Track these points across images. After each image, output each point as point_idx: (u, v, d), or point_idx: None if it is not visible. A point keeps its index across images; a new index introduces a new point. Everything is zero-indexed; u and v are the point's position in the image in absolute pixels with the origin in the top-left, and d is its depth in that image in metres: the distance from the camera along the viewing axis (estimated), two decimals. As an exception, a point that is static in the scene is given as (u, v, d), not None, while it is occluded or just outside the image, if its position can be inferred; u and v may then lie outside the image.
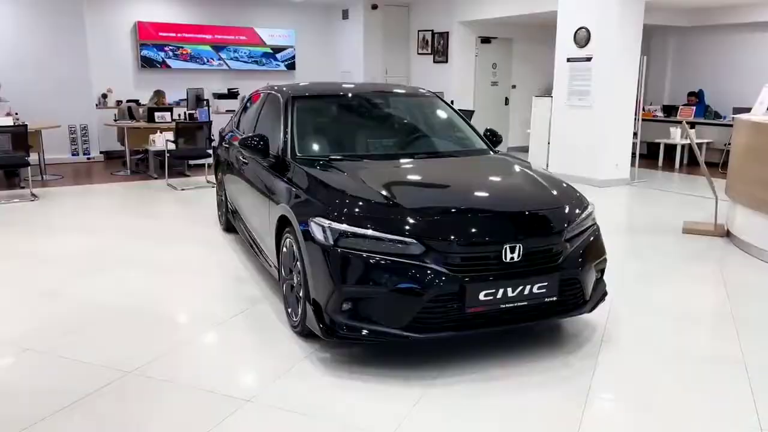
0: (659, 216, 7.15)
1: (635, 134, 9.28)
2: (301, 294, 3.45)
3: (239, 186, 5.06)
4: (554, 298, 3.27)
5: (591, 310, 3.54)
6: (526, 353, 3.46)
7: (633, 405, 3.01)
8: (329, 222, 3.21)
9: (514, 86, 12.83)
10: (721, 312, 4.22)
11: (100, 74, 10.88)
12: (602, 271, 3.66)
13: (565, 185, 3.85)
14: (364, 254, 3.11)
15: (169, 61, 11.70)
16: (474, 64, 12.22)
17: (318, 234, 3.23)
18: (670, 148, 11.04)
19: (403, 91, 5.13)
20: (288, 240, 3.65)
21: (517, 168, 4.09)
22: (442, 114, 4.91)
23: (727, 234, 6.07)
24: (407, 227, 3.15)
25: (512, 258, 3.17)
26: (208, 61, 12.12)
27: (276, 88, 4.93)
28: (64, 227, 6.39)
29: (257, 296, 4.33)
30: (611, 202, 8.05)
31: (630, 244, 6.01)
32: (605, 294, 3.71)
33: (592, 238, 3.58)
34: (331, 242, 3.17)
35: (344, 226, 3.17)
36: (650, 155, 11.44)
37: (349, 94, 4.92)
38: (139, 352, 3.44)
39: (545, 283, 3.22)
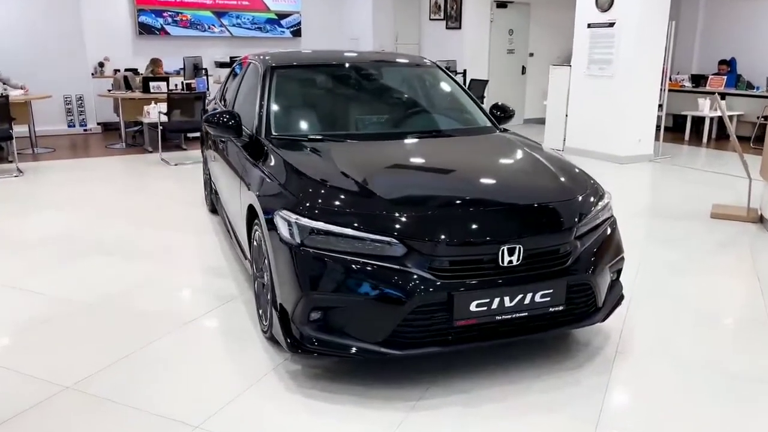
0: (685, 197, 6.57)
1: (660, 106, 8.63)
2: (269, 297, 3.00)
3: (218, 166, 4.59)
4: (560, 308, 2.78)
5: (604, 319, 3.05)
6: (526, 368, 3.00)
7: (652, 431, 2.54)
8: (296, 217, 2.74)
9: (531, 54, 12.13)
10: (756, 313, 3.70)
11: (97, 42, 10.38)
12: (618, 272, 3.16)
13: (577, 170, 3.33)
14: (336, 256, 2.64)
15: (168, 28, 11.16)
16: (489, 31, 11.53)
17: (284, 230, 2.77)
18: (698, 121, 10.40)
19: (399, 61, 4.59)
20: (258, 233, 3.20)
21: (520, 150, 3.55)
22: (442, 86, 4.37)
23: (761, 220, 5.50)
24: (386, 224, 2.67)
25: (511, 261, 2.68)
26: (209, 27, 11.56)
27: (261, 56, 4.41)
28: (42, 207, 5.99)
29: (233, 292, 3.89)
30: (632, 181, 7.48)
31: (651, 231, 5.47)
32: (621, 298, 3.22)
33: (608, 233, 3.07)
34: (298, 241, 2.71)
35: (313, 222, 2.70)
36: (676, 128, 10.80)
37: (338, 64, 4.38)
38: (86, 360, 3.03)
39: (550, 290, 2.73)
